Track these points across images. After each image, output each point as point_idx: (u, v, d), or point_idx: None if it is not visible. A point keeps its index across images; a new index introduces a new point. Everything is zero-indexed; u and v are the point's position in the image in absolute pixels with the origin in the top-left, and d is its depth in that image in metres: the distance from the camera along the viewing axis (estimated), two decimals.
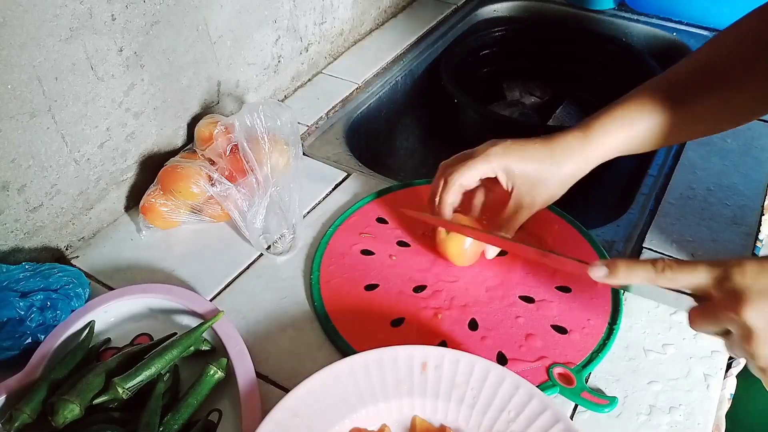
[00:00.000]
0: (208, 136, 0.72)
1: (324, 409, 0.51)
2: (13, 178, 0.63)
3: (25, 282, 0.59)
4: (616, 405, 0.54)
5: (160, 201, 0.70)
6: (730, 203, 0.74)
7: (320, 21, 0.99)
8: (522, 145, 0.59)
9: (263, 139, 0.70)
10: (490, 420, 0.50)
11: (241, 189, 0.69)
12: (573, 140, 0.59)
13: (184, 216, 0.71)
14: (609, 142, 0.58)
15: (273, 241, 0.71)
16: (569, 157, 0.58)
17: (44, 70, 0.61)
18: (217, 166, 0.71)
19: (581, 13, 1.18)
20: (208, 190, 0.69)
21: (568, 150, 0.58)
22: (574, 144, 0.59)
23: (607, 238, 0.70)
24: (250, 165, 0.69)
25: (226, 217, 0.72)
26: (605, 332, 0.60)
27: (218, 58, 0.81)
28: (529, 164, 0.59)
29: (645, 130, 0.58)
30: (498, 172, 0.59)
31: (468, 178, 0.60)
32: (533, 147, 0.59)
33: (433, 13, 1.18)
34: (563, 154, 0.58)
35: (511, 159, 0.59)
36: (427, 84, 1.10)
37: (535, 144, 0.59)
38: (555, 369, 0.56)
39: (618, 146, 0.59)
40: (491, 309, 0.62)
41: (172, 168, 0.71)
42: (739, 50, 0.56)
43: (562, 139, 0.59)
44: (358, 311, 0.62)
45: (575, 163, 0.59)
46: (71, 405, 0.50)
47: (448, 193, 0.60)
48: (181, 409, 0.52)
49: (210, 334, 0.59)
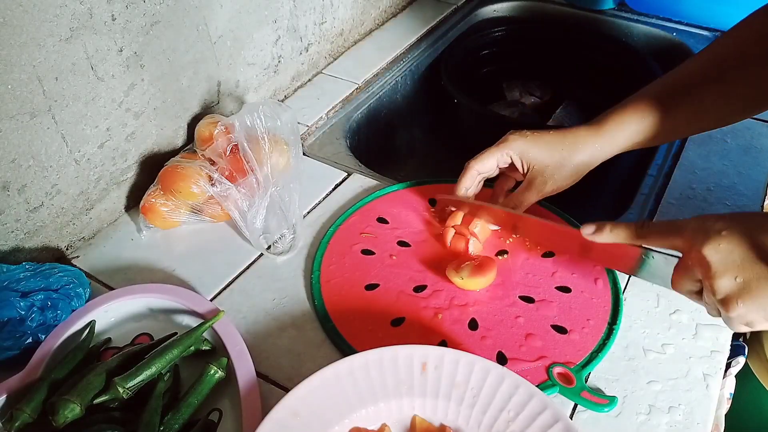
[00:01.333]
0: (208, 136, 0.72)
1: (324, 408, 0.51)
2: (14, 178, 0.63)
3: (25, 282, 0.59)
4: (615, 405, 0.54)
5: (160, 201, 0.70)
6: (730, 203, 0.74)
7: (320, 21, 0.99)
8: (538, 134, 0.64)
9: (263, 139, 0.70)
10: (489, 419, 0.50)
11: (241, 189, 0.69)
12: (586, 132, 0.63)
13: (184, 216, 0.71)
14: (621, 134, 0.62)
15: (273, 241, 0.71)
16: (581, 145, 0.62)
17: (44, 70, 0.61)
18: (217, 166, 0.71)
19: (581, 13, 1.18)
20: (208, 190, 0.69)
21: (581, 139, 0.62)
22: (587, 135, 0.62)
23: None
24: (250, 165, 0.69)
25: (226, 217, 0.72)
26: (605, 332, 0.60)
27: (218, 58, 0.81)
28: (542, 149, 0.63)
29: (655, 124, 0.61)
30: (513, 156, 0.64)
31: (484, 164, 0.65)
32: (548, 135, 0.64)
33: (433, 13, 1.18)
34: (575, 142, 0.62)
35: (525, 144, 0.64)
36: (427, 84, 1.10)
37: (550, 133, 0.64)
38: (555, 369, 0.56)
39: (630, 138, 0.62)
40: (491, 309, 0.62)
41: (173, 168, 0.71)
42: (747, 47, 0.57)
43: (575, 130, 0.63)
44: (359, 311, 0.62)
45: (587, 153, 0.62)
46: (72, 404, 0.50)
47: (464, 178, 0.66)
48: (182, 409, 0.53)
49: (210, 333, 0.59)
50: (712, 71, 0.59)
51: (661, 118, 0.60)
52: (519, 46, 1.15)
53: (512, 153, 0.64)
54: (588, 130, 0.63)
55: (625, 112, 0.62)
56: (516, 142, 0.64)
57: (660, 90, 0.61)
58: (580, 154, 0.62)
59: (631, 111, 0.61)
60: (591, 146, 0.62)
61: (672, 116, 0.60)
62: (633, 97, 0.62)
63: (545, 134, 0.64)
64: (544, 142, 0.63)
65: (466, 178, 0.66)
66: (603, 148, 0.62)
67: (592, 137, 0.62)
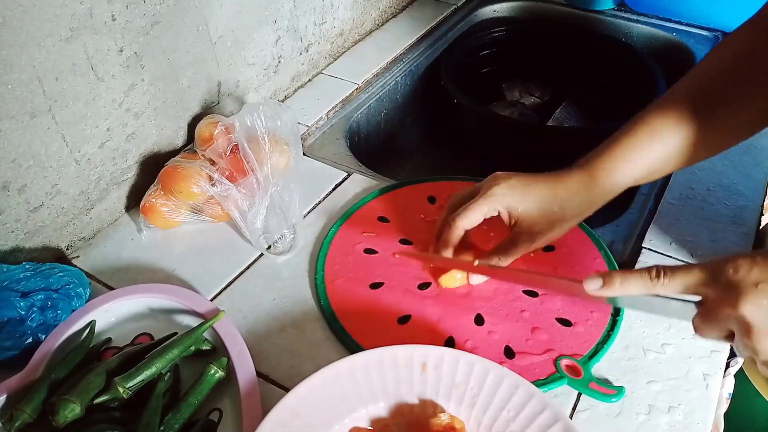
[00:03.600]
0: (208, 136, 0.72)
1: (324, 408, 0.51)
2: (14, 178, 0.63)
3: (25, 282, 0.59)
4: (623, 395, 0.54)
5: (160, 201, 0.70)
6: (729, 203, 0.74)
7: (320, 21, 0.99)
8: (526, 184, 0.59)
9: (263, 139, 0.70)
10: (489, 419, 0.50)
11: (241, 189, 0.69)
12: (578, 183, 0.58)
13: (185, 216, 0.71)
14: (613, 181, 0.58)
15: (273, 240, 0.71)
16: (573, 199, 0.58)
17: (44, 70, 0.61)
18: (217, 167, 0.71)
19: (581, 13, 1.18)
20: (208, 190, 0.69)
21: (572, 193, 0.58)
22: (579, 187, 0.58)
23: (606, 238, 0.70)
24: (251, 165, 0.69)
25: (226, 217, 0.72)
26: (609, 324, 0.60)
27: (218, 58, 0.81)
28: (532, 205, 0.59)
29: (652, 161, 0.57)
30: (501, 210, 0.60)
31: (470, 221, 0.60)
32: (536, 186, 0.59)
33: (433, 13, 1.18)
34: (567, 196, 0.58)
35: (514, 199, 0.59)
36: (427, 84, 1.10)
37: (538, 183, 0.59)
38: (562, 361, 0.57)
39: (623, 183, 0.58)
40: (496, 304, 0.63)
41: (173, 168, 0.71)
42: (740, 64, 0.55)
43: (567, 179, 0.59)
44: (365, 310, 0.62)
45: (579, 206, 0.59)
46: (72, 404, 0.50)
47: (449, 235, 0.61)
48: (182, 409, 0.53)
49: (210, 333, 0.59)
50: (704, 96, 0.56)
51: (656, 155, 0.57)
52: (519, 46, 1.15)
53: (500, 207, 0.59)
54: (580, 179, 0.58)
55: (614, 153, 0.57)
56: (504, 197, 0.59)
57: (650, 124, 0.57)
58: (574, 209, 0.58)
59: (622, 153, 0.57)
60: (584, 200, 0.58)
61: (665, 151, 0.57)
62: (622, 131, 0.58)
63: (533, 184, 0.59)
64: (534, 197, 0.59)
65: (451, 236, 0.61)
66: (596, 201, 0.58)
67: (585, 190, 0.58)
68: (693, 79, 0.58)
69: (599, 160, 0.58)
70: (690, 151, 0.57)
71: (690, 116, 0.56)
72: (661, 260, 0.68)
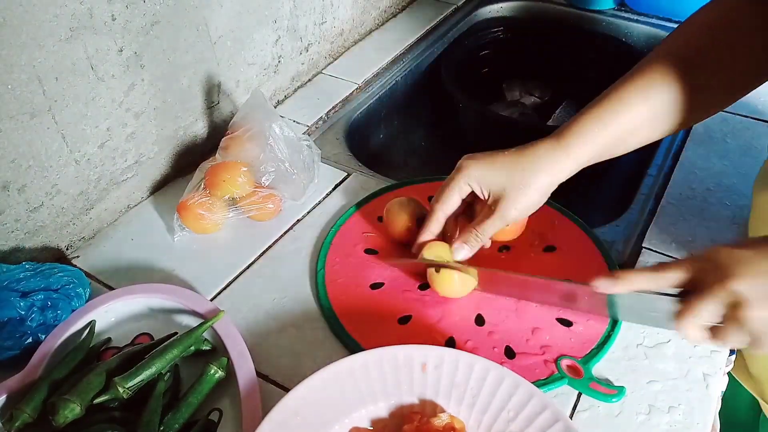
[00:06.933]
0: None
1: (324, 408, 0.51)
2: (14, 178, 0.63)
3: (25, 282, 0.59)
4: (624, 395, 0.54)
5: (201, 200, 0.69)
6: (729, 203, 0.74)
7: (320, 21, 0.99)
8: (492, 156, 0.60)
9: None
10: (489, 419, 0.50)
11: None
12: (544, 150, 0.58)
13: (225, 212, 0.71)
14: (583, 149, 0.57)
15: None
16: (540, 165, 0.58)
17: (44, 70, 0.61)
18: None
19: (581, 13, 1.18)
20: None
21: (537, 159, 0.58)
22: (546, 153, 0.58)
23: (606, 238, 0.70)
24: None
25: (270, 215, 0.73)
26: (609, 324, 0.60)
27: (218, 58, 0.81)
28: (499, 171, 0.59)
29: (620, 132, 0.57)
30: (472, 184, 0.60)
31: (448, 202, 0.61)
32: (502, 157, 0.59)
33: (433, 13, 1.18)
34: (532, 163, 0.58)
35: (480, 170, 0.59)
36: (427, 84, 1.10)
37: (505, 154, 0.59)
38: (563, 361, 0.57)
39: (595, 152, 0.58)
40: (496, 304, 0.63)
41: (216, 165, 0.71)
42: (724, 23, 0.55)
43: (533, 148, 0.59)
44: (366, 310, 0.62)
45: (548, 173, 0.58)
46: (72, 404, 0.50)
47: (430, 223, 0.62)
48: (182, 409, 0.53)
49: (210, 333, 0.59)
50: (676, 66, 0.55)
51: (624, 123, 0.56)
52: (519, 46, 1.15)
53: (471, 181, 0.59)
54: (547, 147, 0.58)
55: (585, 120, 0.57)
56: (471, 168, 0.59)
57: (621, 90, 0.57)
58: (542, 174, 0.58)
59: (592, 122, 0.57)
60: (552, 163, 0.58)
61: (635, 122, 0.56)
62: (592, 104, 0.58)
63: (500, 155, 0.59)
64: (500, 163, 0.59)
65: (432, 223, 0.62)
66: (566, 164, 0.58)
67: (552, 153, 0.58)
68: (674, 39, 0.57)
69: (568, 125, 0.58)
70: (665, 116, 0.57)
71: (666, 79, 0.55)
72: (661, 260, 0.68)
